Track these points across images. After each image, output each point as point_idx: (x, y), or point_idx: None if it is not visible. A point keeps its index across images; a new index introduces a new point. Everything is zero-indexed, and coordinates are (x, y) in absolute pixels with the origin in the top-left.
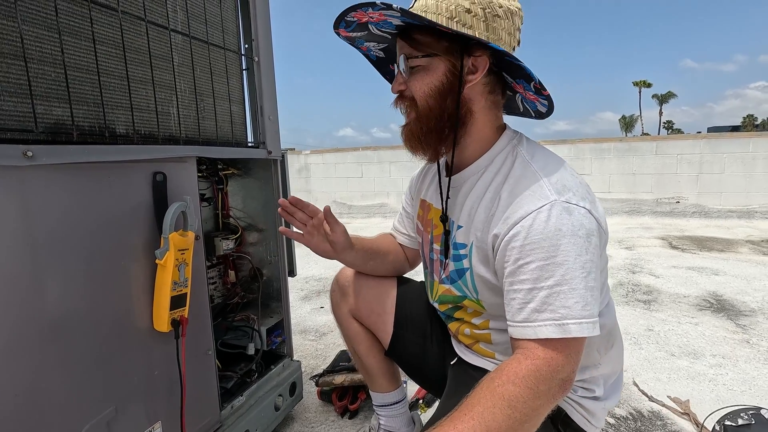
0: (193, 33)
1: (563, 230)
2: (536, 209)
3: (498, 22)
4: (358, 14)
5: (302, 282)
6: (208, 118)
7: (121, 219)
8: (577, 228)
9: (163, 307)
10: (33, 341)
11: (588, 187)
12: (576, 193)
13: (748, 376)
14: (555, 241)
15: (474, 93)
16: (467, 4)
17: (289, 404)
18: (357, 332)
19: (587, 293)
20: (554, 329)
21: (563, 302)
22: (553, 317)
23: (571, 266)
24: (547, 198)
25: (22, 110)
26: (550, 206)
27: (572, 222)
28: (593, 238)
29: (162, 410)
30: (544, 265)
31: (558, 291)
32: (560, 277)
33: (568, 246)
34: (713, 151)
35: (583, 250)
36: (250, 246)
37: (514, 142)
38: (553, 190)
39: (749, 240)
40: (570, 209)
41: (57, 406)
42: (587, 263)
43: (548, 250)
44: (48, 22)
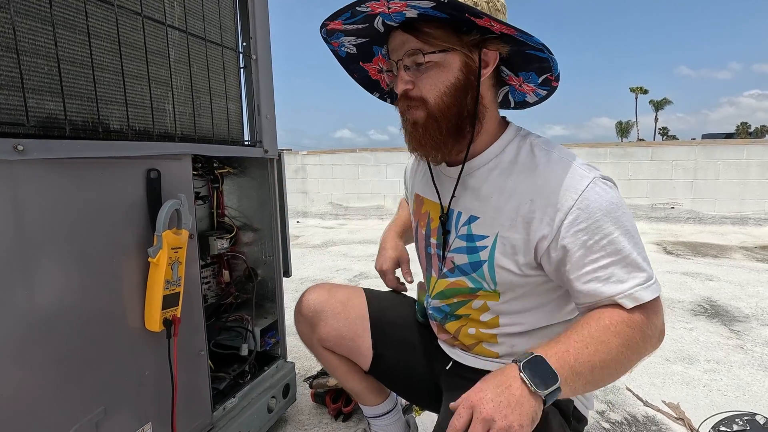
0: (190, 29)
1: (614, 201)
2: (584, 189)
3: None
4: (378, 3)
5: (297, 283)
6: (205, 116)
7: (113, 216)
8: (619, 198)
9: (155, 306)
10: (21, 339)
11: None
12: (597, 169)
13: (742, 382)
14: (613, 213)
15: (486, 87)
16: None
17: (283, 406)
18: (330, 360)
19: (645, 254)
20: (646, 293)
21: (639, 266)
22: (639, 283)
23: (633, 233)
24: (587, 176)
25: (14, 103)
26: (594, 183)
27: (613, 193)
28: (626, 206)
29: (152, 411)
30: (612, 238)
31: (633, 258)
32: (632, 244)
33: (623, 216)
34: (708, 158)
35: (629, 216)
36: (245, 246)
37: (522, 133)
38: (586, 168)
39: (743, 246)
40: (606, 183)
41: (45, 406)
42: (635, 228)
43: (613, 220)
44: (42, 15)
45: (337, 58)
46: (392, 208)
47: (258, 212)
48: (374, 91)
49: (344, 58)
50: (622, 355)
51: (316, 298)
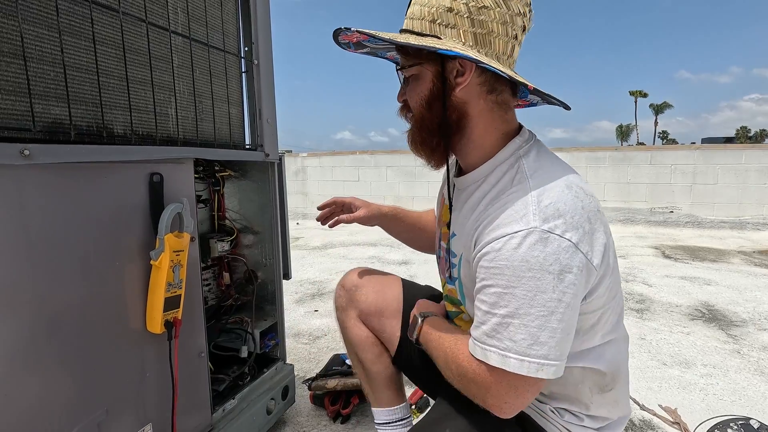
0: (193, 35)
1: (531, 262)
2: (510, 234)
3: (486, 14)
4: (347, 36)
5: (297, 285)
6: (207, 120)
7: (116, 219)
8: (549, 263)
9: (157, 309)
10: (24, 340)
11: (597, 213)
12: (568, 222)
13: (738, 386)
14: (519, 272)
15: (470, 95)
16: (448, 3)
17: (281, 408)
18: (364, 338)
19: (541, 333)
20: (497, 358)
21: (510, 335)
22: (499, 346)
23: (527, 302)
24: (527, 224)
25: (20, 109)
26: (526, 234)
27: (545, 255)
28: (569, 276)
29: (153, 412)
30: (501, 293)
31: (509, 323)
32: (513, 309)
33: (530, 281)
34: (707, 162)
35: (548, 287)
36: (246, 248)
37: (519, 153)
38: (539, 216)
39: (741, 251)
40: (548, 240)
41: (47, 406)
42: (551, 302)
43: (509, 279)
44: (48, 22)
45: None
46: None
47: (258, 215)
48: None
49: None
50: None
51: (361, 275)
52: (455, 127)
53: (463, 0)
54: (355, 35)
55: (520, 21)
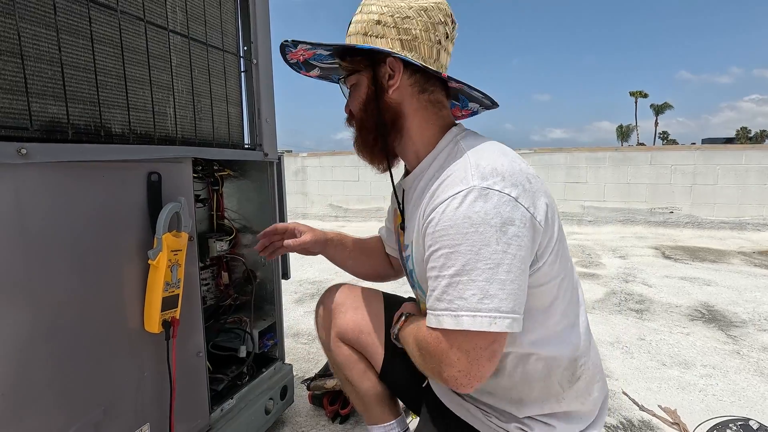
0: (192, 34)
1: (473, 218)
2: (452, 195)
3: (409, 22)
4: (294, 55)
5: (296, 285)
6: (205, 119)
7: (114, 219)
8: (491, 216)
9: (155, 308)
10: (21, 339)
11: (536, 178)
12: (507, 179)
13: (737, 387)
14: (462, 229)
15: (403, 96)
16: (376, 17)
17: (280, 408)
18: (347, 356)
19: (490, 286)
20: (450, 320)
21: (460, 293)
22: (450, 307)
23: (473, 257)
24: (467, 183)
25: (18, 107)
26: (467, 192)
27: (486, 209)
28: (511, 228)
29: (151, 412)
30: (448, 253)
31: (457, 281)
32: (460, 266)
33: (473, 235)
34: (707, 163)
35: (492, 240)
36: (244, 248)
37: (456, 138)
38: (477, 176)
39: (741, 251)
40: (488, 195)
41: (43, 406)
42: (496, 254)
43: (454, 237)
44: (46, 20)
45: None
46: None
47: (257, 215)
48: None
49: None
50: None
51: (338, 293)
52: (392, 125)
53: (389, 12)
54: (300, 52)
55: (442, 29)
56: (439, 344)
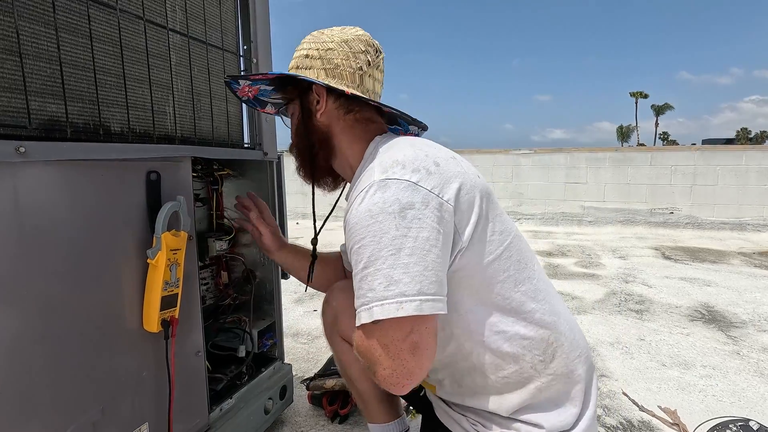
0: (191, 33)
1: (373, 210)
2: (358, 194)
3: (332, 53)
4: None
5: (295, 285)
6: (205, 118)
7: (113, 218)
8: (389, 204)
9: (154, 307)
10: (19, 339)
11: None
12: (407, 166)
13: (737, 388)
14: (364, 222)
15: (331, 118)
16: (305, 52)
17: (279, 408)
18: (350, 354)
19: (394, 272)
20: (365, 314)
21: (370, 285)
22: (363, 301)
23: (375, 247)
24: (370, 181)
25: (16, 105)
26: (368, 188)
27: (384, 199)
28: (410, 212)
29: (149, 412)
30: (357, 248)
31: (365, 274)
32: (367, 259)
33: (373, 226)
34: (707, 163)
35: (391, 227)
36: (244, 247)
37: (377, 145)
38: (379, 171)
39: (741, 252)
40: (386, 185)
41: (41, 405)
42: (396, 240)
43: (358, 232)
44: (45, 19)
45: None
46: None
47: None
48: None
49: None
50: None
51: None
52: (323, 145)
53: (315, 47)
54: (246, 89)
55: (363, 57)
56: (362, 342)
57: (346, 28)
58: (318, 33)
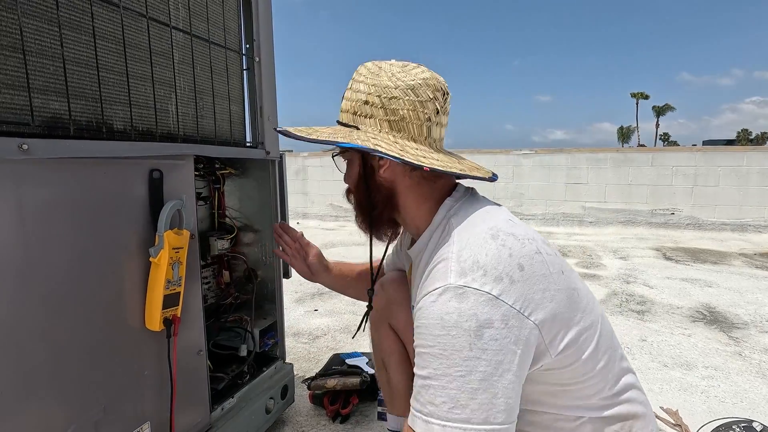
0: (194, 31)
1: (446, 321)
2: (429, 292)
3: (396, 103)
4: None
5: (296, 284)
6: (207, 117)
7: (116, 216)
8: (465, 318)
9: (156, 306)
10: (21, 337)
11: (533, 256)
12: (489, 273)
13: (739, 389)
14: (434, 330)
15: (395, 174)
16: (364, 97)
17: (280, 407)
18: (392, 344)
19: (461, 395)
20: (422, 424)
21: (431, 398)
22: (422, 410)
23: (444, 362)
24: (445, 280)
25: (19, 103)
26: (442, 291)
27: (460, 311)
28: (488, 331)
29: (151, 411)
30: (422, 353)
31: (429, 385)
32: (432, 370)
33: (444, 338)
34: (708, 164)
35: (464, 345)
36: (246, 246)
37: (450, 213)
38: (455, 272)
39: (742, 253)
40: (464, 295)
41: (43, 404)
42: (469, 361)
43: (426, 338)
44: (48, 15)
45: None
46: None
47: (259, 213)
48: None
49: None
50: None
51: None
52: (386, 203)
53: (376, 93)
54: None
55: (432, 105)
56: None
57: (408, 66)
58: (375, 69)
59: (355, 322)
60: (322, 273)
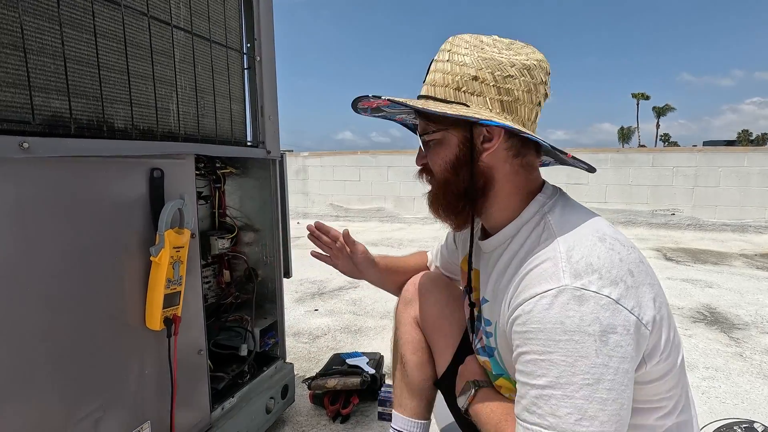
0: (195, 30)
1: (567, 325)
2: (540, 293)
3: (512, 83)
4: (367, 102)
5: (297, 284)
6: (208, 116)
7: (116, 214)
8: (588, 323)
9: (156, 305)
10: (21, 336)
11: (639, 264)
12: (604, 276)
13: (741, 389)
14: (553, 335)
15: (495, 160)
16: (473, 72)
17: (281, 407)
18: (414, 340)
19: (589, 405)
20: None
21: (553, 410)
22: (541, 423)
23: (568, 369)
24: (558, 281)
25: (20, 101)
26: (557, 292)
27: (581, 315)
28: (613, 337)
29: (151, 410)
30: (537, 360)
31: (549, 395)
32: (553, 378)
33: (567, 344)
34: (709, 165)
35: (590, 351)
36: (246, 246)
37: (544, 210)
38: (569, 272)
39: (743, 253)
40: (583, 297)
41: (43, 402)
42: (596, 368)
43: (544, 344)
44: (49, 14)
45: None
46: (392, 210)
47: (259, 213)
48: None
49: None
50: None
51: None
52: (482, 190)
53: (489, 69)
54: (377, 102)
55: (543, 89)
56: None
57: (516, 45)
58: (476, 42)
59: (355, 322)
60: (369, 269)
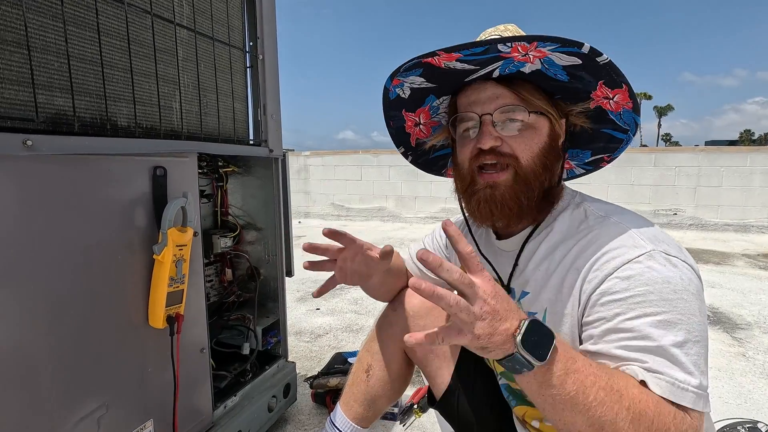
0: (198, 28)
1: (674, 284)
2: (633, 259)
3: None
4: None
5: (298, 283)
6: (211, 114)
7: (119, 213)
8: (687, 282)
9: (159, 303)
10: (24, 333)
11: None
12: (671, 246)
13: (743, 390)
14: (666, 294)
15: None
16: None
17: (283, 406)
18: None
19: (702, 361)
20: (687, 394)
21: (699, 366)
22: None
23: (686, 327)
24: (644, 247)
25: (24, 99)
26: (649, 256)
27: (681, 276)
28: (701, 296)
29: (154, 408)
30: (658, 321)
31: (686, 352)
32: (686, 333)
33: (679, 303)
34: (711, 165)
35: (695, 310)
36: (248, 245)
37: (576, 200)
38: (648, 240)
39: (745, 254)
40: (671, 261)
41: (46, 400)
42: (701, 326)
43: (658, 304)
44: (53, 11)
45: (384, 100)
46: (394, 210)
47: (261, 211)
48: (401, 145)
49: (392, 101)
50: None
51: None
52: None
53: None
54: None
55: None
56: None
57: None
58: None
59: (357, 321)
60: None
